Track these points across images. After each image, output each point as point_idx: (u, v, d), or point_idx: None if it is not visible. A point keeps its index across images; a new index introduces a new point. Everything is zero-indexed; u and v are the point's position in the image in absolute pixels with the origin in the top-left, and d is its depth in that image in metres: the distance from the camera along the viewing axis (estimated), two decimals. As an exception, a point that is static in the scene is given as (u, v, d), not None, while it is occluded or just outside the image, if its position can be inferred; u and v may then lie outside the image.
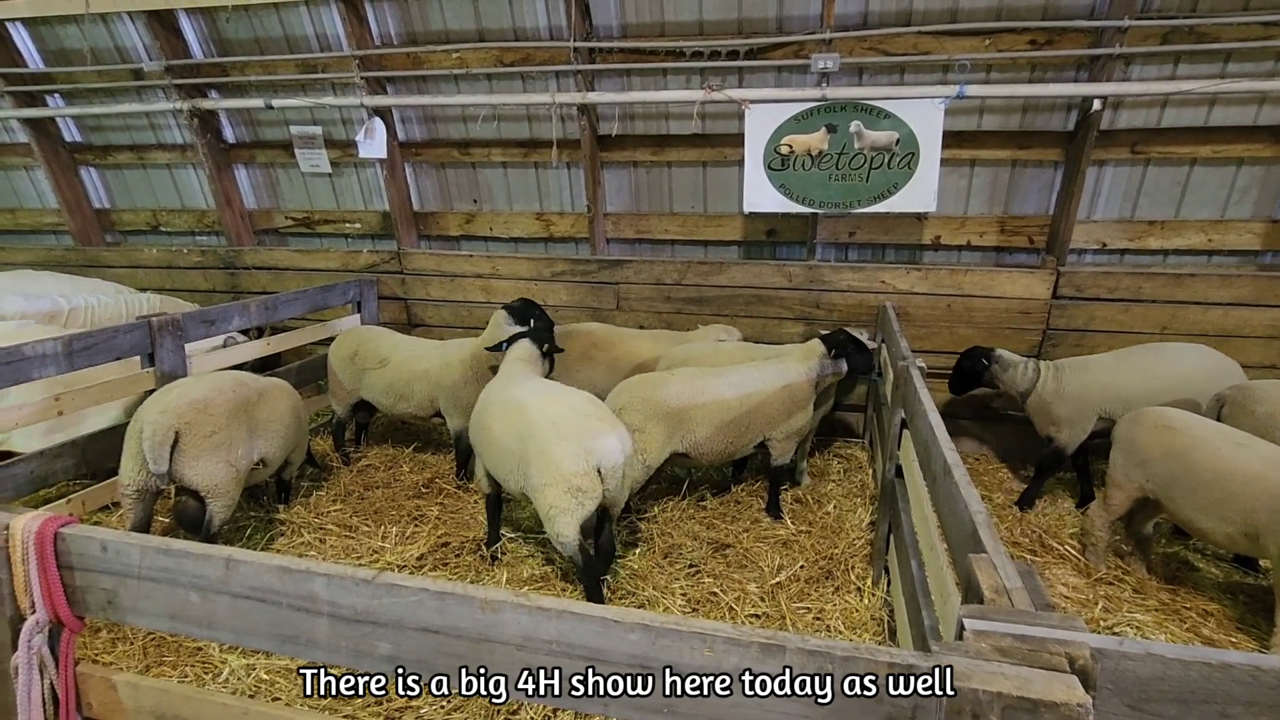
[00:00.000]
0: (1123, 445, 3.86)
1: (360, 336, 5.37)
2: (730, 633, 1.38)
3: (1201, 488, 3.42)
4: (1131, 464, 3.78)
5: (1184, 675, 1.27)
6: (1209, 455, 3.44)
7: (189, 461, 3.61)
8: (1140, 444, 3.74)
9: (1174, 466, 3.56)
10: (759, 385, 4.41)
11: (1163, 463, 3.61)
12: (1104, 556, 4.00)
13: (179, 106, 6.47)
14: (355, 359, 5.26)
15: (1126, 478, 3.81)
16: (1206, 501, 3.40)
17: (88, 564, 1.81)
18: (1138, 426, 3.80)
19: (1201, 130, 5.05)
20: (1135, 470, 3.76)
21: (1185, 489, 3.50)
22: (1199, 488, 3.43)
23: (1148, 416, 3.81)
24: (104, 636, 3.34)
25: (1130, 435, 3.82)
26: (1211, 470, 3.40)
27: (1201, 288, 5.03)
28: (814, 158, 5.42)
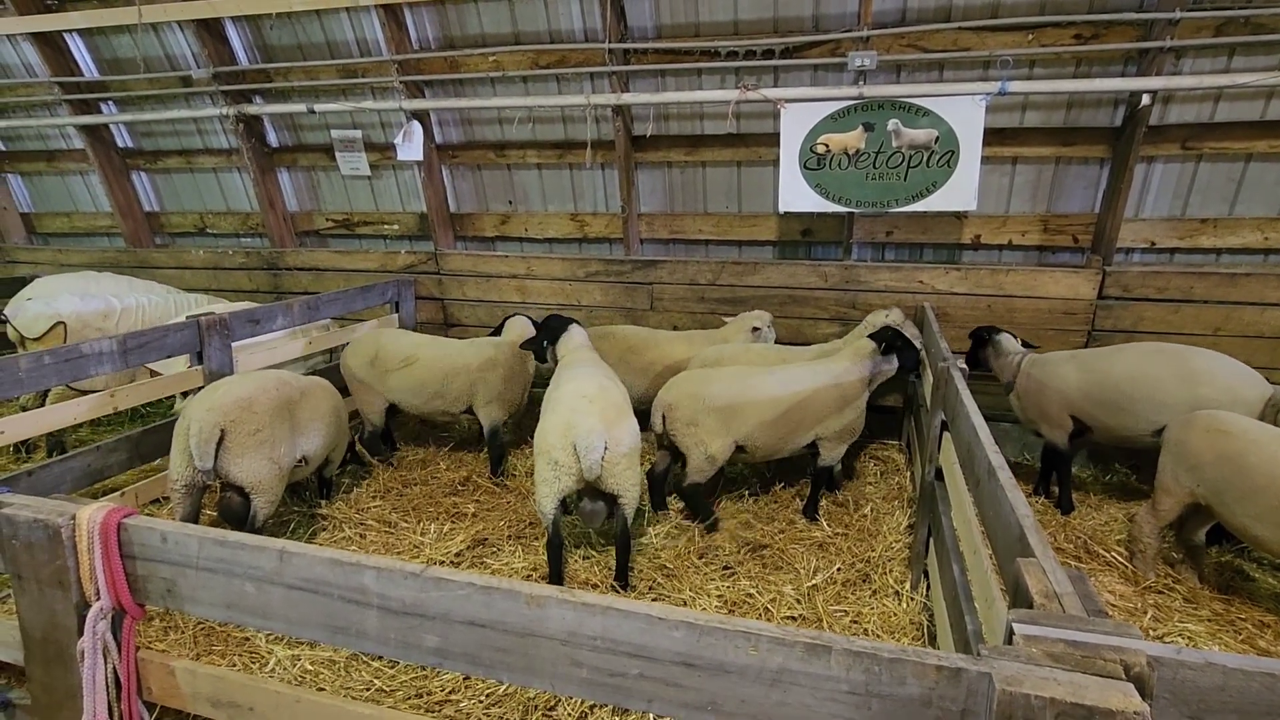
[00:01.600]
0: (1173, 449, 3.74)
1: (376, 340, 5.36)
2: (775, 632, 1.38)
3: (1257, 493, 3.30)
4: (1182, 468, 3.66)
5: (1245, 686, 1.23)
6: (1265, 460, 3.31)
7: (234, 458, 3.71)
8: (1192, 448, 3.62)
9: (1227, 471, 3.43)
10: (810, 382, 4.43)
11: (1215, 467, 3.49)
12: (1153, 564, 3.88)
13: (225, 112, 6.65)
14: (375, 363, 5.26)
15: (1176, 482, 3.69)
16: (1262, 508, 3.27)
17: (149, 554, 1.88)
18: (1189, 430, 3.68)
19: (1258, 124, 4.87)
20: (1186, 475, 3.64)
21: (1239, 495, 3.37)
22: (1254, 494, 3.31)
23: (1200, 420, 3.68)
24: (156, 625, 3.45)
25: (1181, 439, 3.70)
26: (1268, 475, 3.27)
27: (1258, 288, 4.86)
28: (851, 156, 5.37)
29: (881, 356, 4.51)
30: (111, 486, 4.55)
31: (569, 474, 3.58)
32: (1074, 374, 4.55)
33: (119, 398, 4.20)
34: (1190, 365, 4.20)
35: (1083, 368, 4.54)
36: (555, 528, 3.70)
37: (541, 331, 4.82)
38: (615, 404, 3.83)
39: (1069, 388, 4.54)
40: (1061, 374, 4.62)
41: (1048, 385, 4.64)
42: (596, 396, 3.77)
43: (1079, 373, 4.54)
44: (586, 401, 3.71)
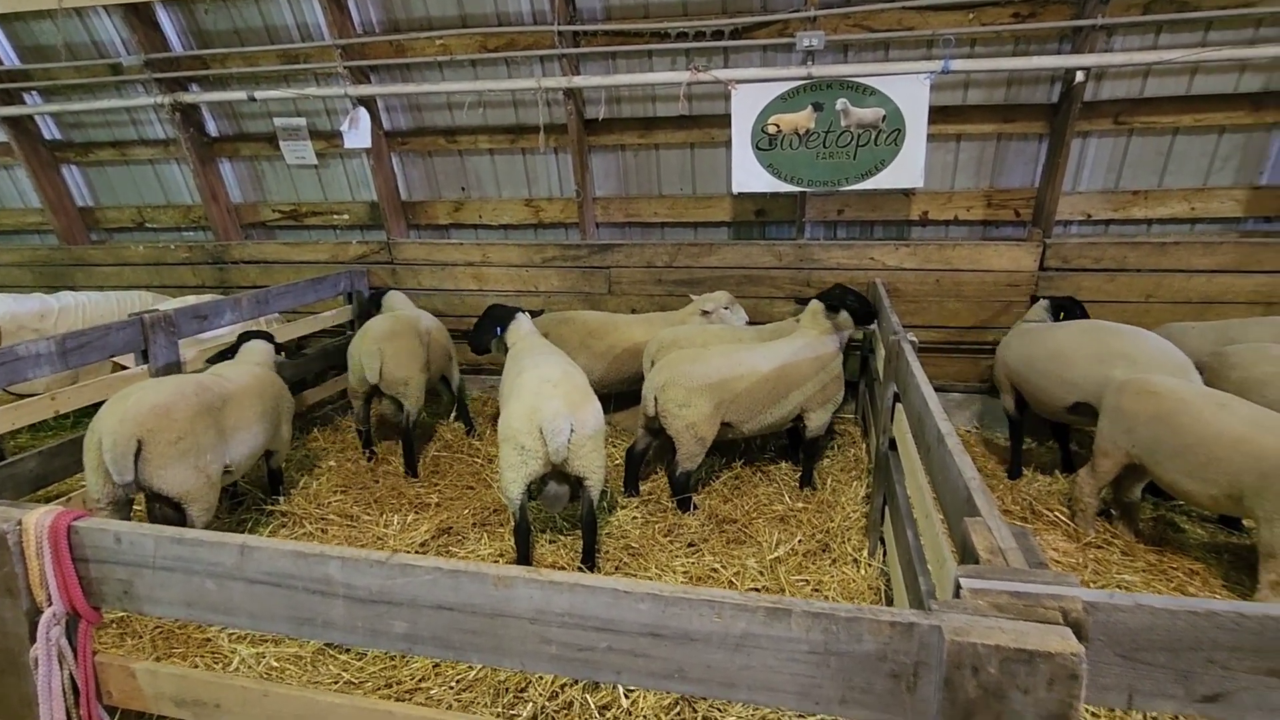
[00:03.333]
0: (1109, 412, 3.93)
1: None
2: (737, 599, 1.42)
3: (1186, 451, 3.48)
4: (1118, 430, 3.84)
5: (1172, 624, 1.33)
6: (1193, 419, 3.50)
7: (156, 469, 3.49)
8: (1125, 410, 3.81)
9: (1158, 430, 3.62)
10: (791, 356, 4.55)
11: (1147, 427, 3.68)
12: (1093, 522, 4.09)
13: (160, 101, 6.39)
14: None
15: (1113, 444, 3.87)
16: (1191, 464, 3.46)
17: (102, 556, 1.84)
18: (1122, 394, 3.87)
19: (1183, 99, 5.10)
20: (1121, 436, 3.83)
21: (1170, 452, 3.56)
22: (1183, 451, 3.49)
23: (1132, 384, 3.86)
24: (112, 631, 3.37)
25: (1115, 403, 3.89)
26: (1196, 434, 3.45)
27: (1185, 255, 5.11)
28: (801, 136, 5.44)
29: (835, 316, 4.63)
30: (58, 492, 4.40)
31: (535, 458, 3.59)
32: (1015, 346, 4.77)
33: (60, 400, 4.04)
34: (1109, 346, 4.29)
35: (1021, 340, 4.74)
36: (522, 513, 3.71)
37: (489, 321, 4.76)
38: (579, 387, 3.84)
39: (1010, 358, 4.77)
40: (1008, 344, 4.84)
41: (997, 355, 4.90)
42: (560, 380, 3.78)
43: (1018, 345, 4.75)
44: (551, 385, 3.72)
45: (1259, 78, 4.95)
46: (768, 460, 5.16)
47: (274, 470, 4.63)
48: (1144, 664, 1.35)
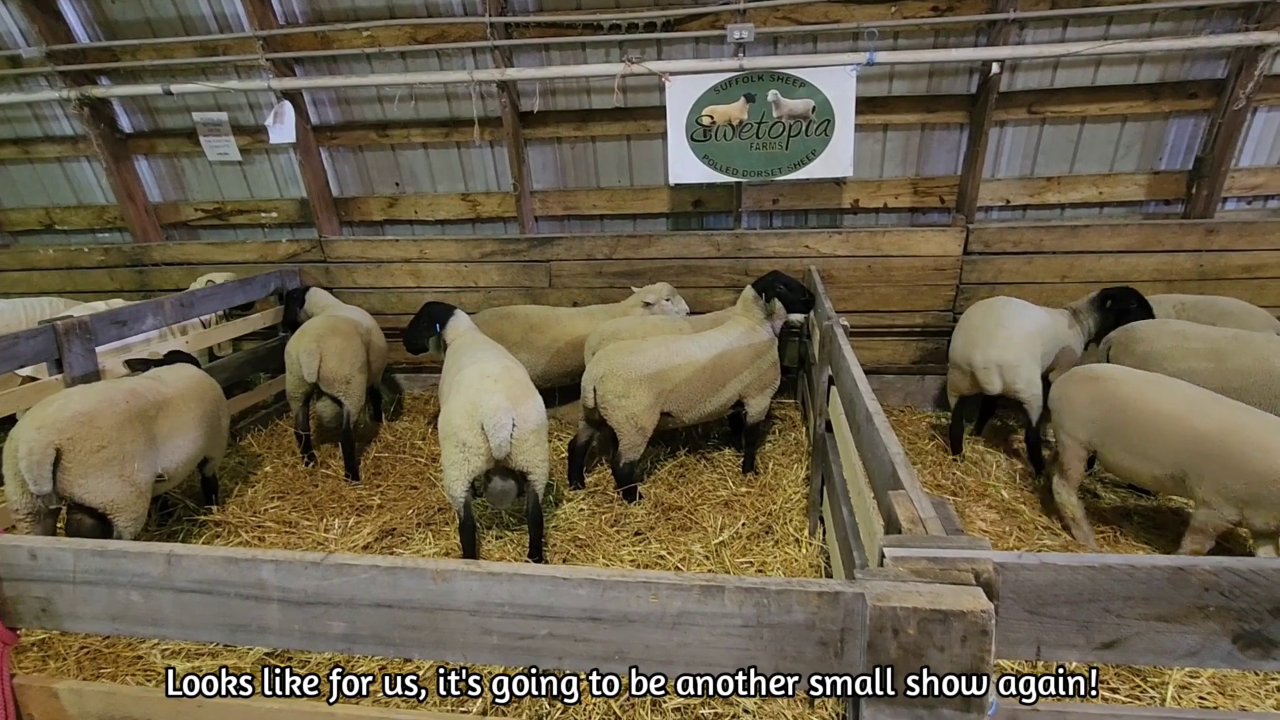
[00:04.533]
0: (1058, 405, 3.94)
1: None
2: (673, 579, 1.47)
3: (1128, 430, 3.53)
4: (1072, 422, 3.83)
5: (1073, 579, 1.43)
6: (1134, 399, 3.55)
7: (76, 479, 3.35)
8: (1071, 399, 3.84)
9: (1103, 411, 3.66)
10: (727, 345, 4.62)
11: (1093, 408, 3.71)
12: (1087, 530, 3.89)
13: (65, 95, 6.04)
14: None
15: (1071, 437, 3.85)
16: (1134, 444, 3.51)
17: (16, 573, 1.76)
18: (1067, 384, 3.91)
19: (1090, 90, 5.39)
20: (1076, 427, 3.82)
21: (1114, 434, 3.60)
22: (1126, 431, 3.54)
23: (1075, 373, 3.91)
24: (32, 655, 3.21)
25: (1062, 394, 3.92)
26: (1138, 414, 3.50)
27: (1095, 237, 5.41)
28: (735, 128, 5.52)
29: (765, 303, 4.74)
30: (-34, 512, 4.14)
31: (478, 454, 3.57)
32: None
33: (-30, 413, 3.81)
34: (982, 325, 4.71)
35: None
36: (467, 510, 3.69)
37: (425, 319, 4.71)
38: (519, 381, 3.83)
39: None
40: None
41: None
42: (500, 375, 3.77)
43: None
44: (491, 381, 3.70)
45: (1156, 69, 5.27)
46: (711, 447, 5.25)
47: (208, 478, 4.48)
48: (1049, 618, 1.45)
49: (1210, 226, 5.26)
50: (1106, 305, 4.81)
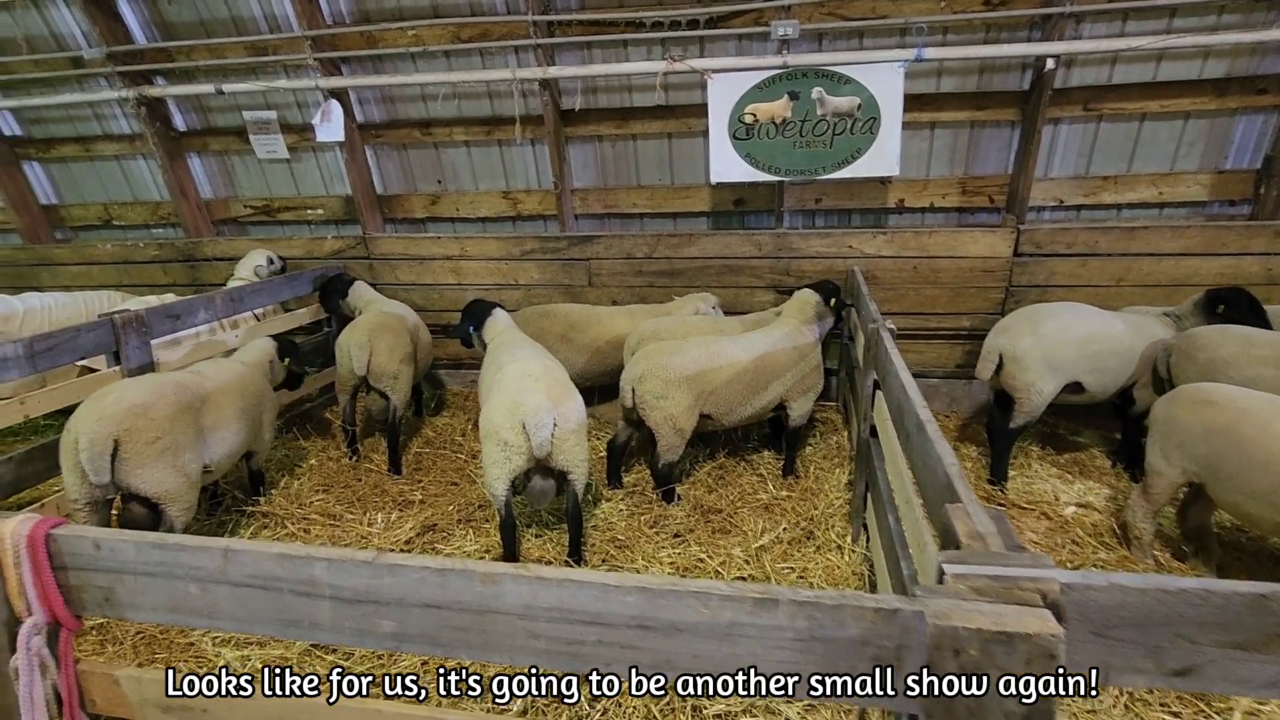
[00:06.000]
0: (1159, 426, 3.55)
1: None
2: (725, 590, 1.44)
3: (1253, 469, 3.07)
4: (1170, 446, 3.47)
5: (1142, 602, 1.37)
6: (1259, 430, 3.09)
7: (133, 469, 3.45)
8: (1179, 423, 3.44)
9: (1218, 445, 3.23)
10: (771, 347, 4.56)
11: (1205, 441, 3.30)
12: (1149, 550, 3.67)
13: (124, 95, 6.24)
14: None
15: (1167, 462, 3.49)
16: (1259, 486, 3.04)
17: (81, 563, 1.82)
18: (1175, 404, 3.51)
19: (1150, 85, 5.18)
20: (1175, 453, 3.44)
21: (1232, 470, 3.16)
22: (1249, 469, 3.09)
23: (1184, 392, 3.49)
24: (92, 638, 3.33)
25: (1167, 415, 3.52)
26: (1264, 448, 3.05)
27: (1154, 240, 5.21)
28: (778, 125, 5.45)
29: (827, 310, 4.68)
30: (30, 498, 4.31)
31: (519, 453, 3.58)
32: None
33: (30, 404, 3.96)
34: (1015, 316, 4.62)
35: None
36: (508, 509, 3.71)
37: (465, 318, 4.78)
38: (560, 381, 3.84)
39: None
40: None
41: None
42: (541, 375, 3.78)
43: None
44: (532, 380, 3.72)
45: (1222, 63, 5.05)
46: (751, 450, 5.20)
47: (254, 471, 4.59)
48: (1116, 640, 1.39)
49: None
50: (1217, 310, 4.44)
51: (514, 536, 3.79)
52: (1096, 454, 4.96)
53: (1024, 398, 4.41)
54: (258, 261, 6.07)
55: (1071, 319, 4.52)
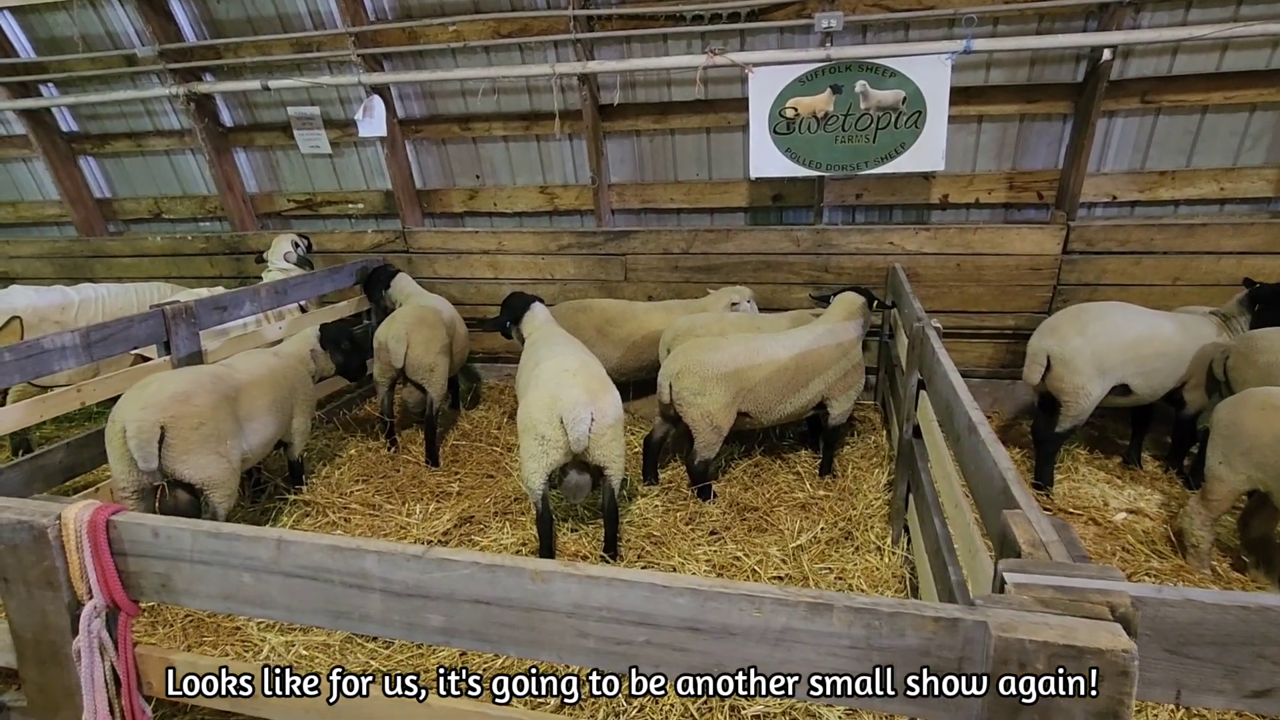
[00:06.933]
0: (1223, 430, 3.42)
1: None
2: (778, 594, 1.42)
3: None
4: (1235, 453, 3.34)
5: (1221, 619, 1.31)
6: None
7: (179, 456, 3.53)
8: (1246, 429, 3.30)
9: None
10: (812, 345, 4.50)
11: (1274, 449, 3.18)
12: (1207, 559, 3.56)
13: (174, 91, 6.39)
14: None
15: (1230, 469, 3.38)
16: None
17: (140, 550, 1.86)
18: (1242, 409, 3.37)
19: (1213, 76, 4.97)
20: (1240, 460, 3.33)
21: None
22: None
23: (1254, 397, 3.35)
24: (143, 620, 3.42)
25: (1233, 419, 3.38)
26: None
27: (1214, 237, 5.01)
28: (820, 120, 5.36)
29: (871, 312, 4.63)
30: (85, 483, 4.46)
31: (556, 448, 3.59)
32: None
33: (86, 392, 4.08)
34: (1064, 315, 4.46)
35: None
36: (544, 503, 3.72)
37: (504, 311, 4.81)
38: (598, 376, 3.84)
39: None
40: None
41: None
42: (579, 370, 3.78)
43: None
44: (570, 375, 3.72)
45: (1292, 53, 4.83)
46: (787, 448, 5.14)
47: (294, 461, 4.66)
48: (1192, 659, 1.34)
49: (1348, 226, 4.80)
50: (1255, 309, 4.29)
51: (550, 530, 3.80)
52: (1147, 458, 4.80)
53: (1071, 400, 4.29)
54: (285, 248, 6.16)
55: (1121, 319, 4.37)
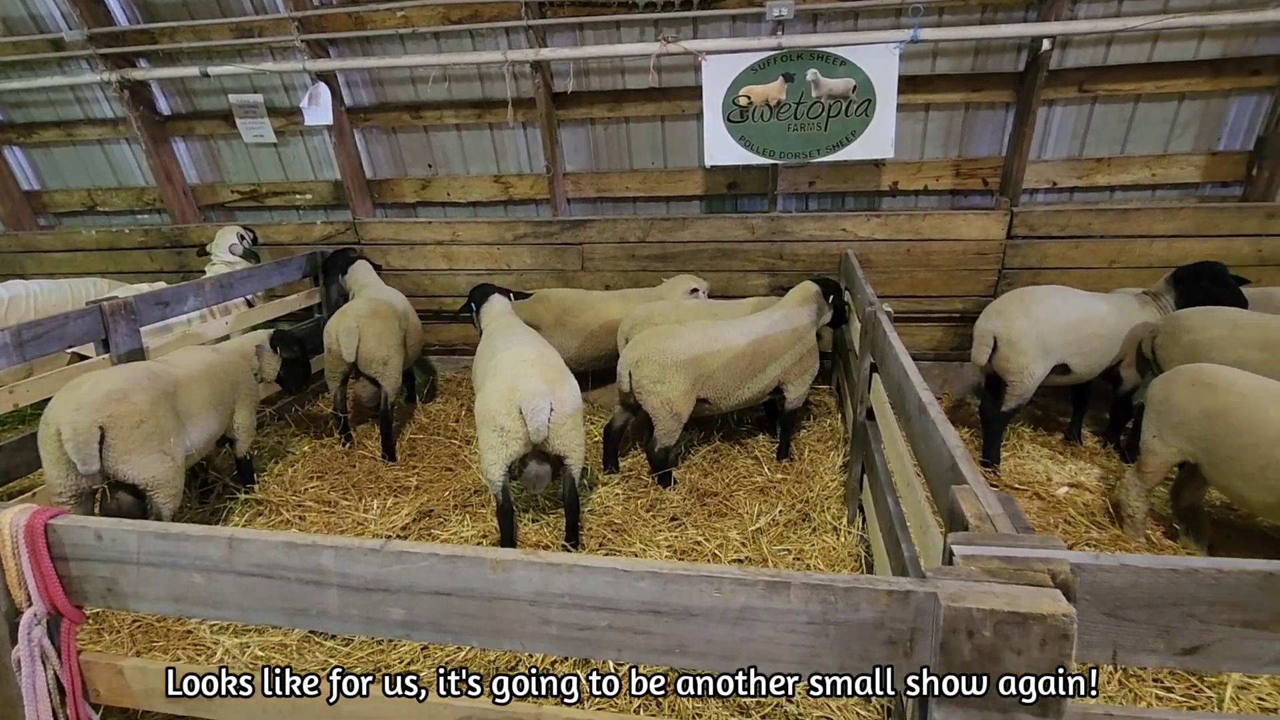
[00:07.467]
0: (1156, 405, 3.55)
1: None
2: (737, 574, 1.44)
3: (1245, 452, 3.11)
4: (1167, 427, 3.48)
5: (1154, 582, 1.38)
6: (1254, 417, 3.11)
7: (122, 456, 3.39)
8: (1176, 403, 3.44)
9: (1215, 428, 3.25)
10: (768, 330, 4.55)
11: (1202, 424, 3.31)
12: (1142, 528, 3.71)
13: (106, 78, 6.11)
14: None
15: (1162, 442, 3.51)
16: (1251, 468, 3.08)
17: (83, 554, 1.80)
18: (1173, 385, 3.49)
19: (1146, 67, 5.18)
20: (1171, 434, 3.46)
21: (1227, 454, 3.19)
22: (1243, 452, 3.12)
23: (1184, 373, 3.48)
24: (89, 627, 3.30)
25: (1165, 394, 3.51)
26: (1256, 433, 3.07)
27: (1146, 221, 5.23)
28: (772, 108, 5.41)
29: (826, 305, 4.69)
30: (20, 488, 4.26)
31: (516, 439, 3.57)
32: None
33: (19, 394, 3.90)
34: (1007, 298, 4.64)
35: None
36: (505, 495, 3.70)
37: (470, 298, 4.87)
38: (556, 366, 3.83)
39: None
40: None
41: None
42: (537, 360, 3.76)
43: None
44: (528, 365, 3.70)
45: (1217, 44, 5.05)
46: (745, 433, 5.21)
47: (241, 459, 4.51)
48: (1127, 621, 1.41)
49: (1271, 210, 5.05)
50: (1180, 288, 4.52)
51: (512, 522, 3.78)
52: (1087, 434, 5.01)
53: (1016, 380, 4.44)
54: (230, 240, 5.95)
55: (1061, 301, 4.56)
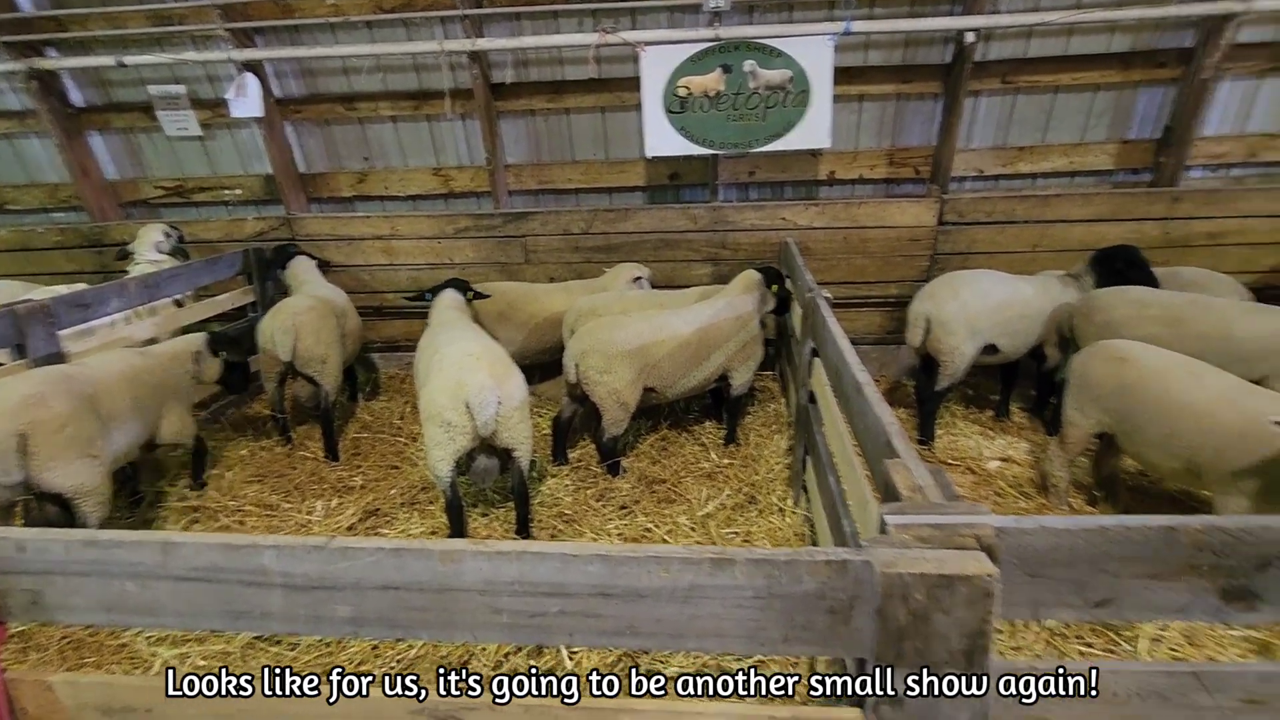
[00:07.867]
0: (1076, 379, 3.75)
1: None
2: (683, 553, 1.48)
3: (1152, 423, 3.33)
4: (1086, 399, 3.68)
5: (1071, 543, 1.47)
6: (1161, 389, 3.33)
7: (46, 464, 3.24)
8: (1093, 377, 3.64)
9: (1128, 400, 3.45)
10: (713, 319, 4.61)
11: (1116, 397, 3.51)
12: (1064, 497, 3.92)
13: (12, 68, 5.75)
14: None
15: (1081, 414, 3.72)
16: (1156, 436, 3.31)
17: (4, 566, 1.71)
18: (1091, 360, 3.69)
19: (1063, 59, 5.44)
20: (1090, 406, 3.67)
21: (1137, 424, 3.41)
22: (1150, 422, 3.35)
23: (1101, 349, 3.69)
24: (13, 645, 3.14)
25: (1084, 370, 3.71)
26: (1162, 404, 3.29)
27: (1065, 207, 5.50)
28: (711, 99, 5.47)
29: (768, 292, 4.77)
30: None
31: (463, 433, 3.54)
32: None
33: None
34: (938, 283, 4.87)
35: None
36: (454, 490, 3.67)
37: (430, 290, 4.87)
38: (501, 359, 3.81)
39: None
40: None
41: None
42: (482, 354, 3.74)
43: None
44: (473, 359, 3.67)
45: (1127, 38, 5.34)
46: (692, 420, 5.28)
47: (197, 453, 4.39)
48: (1047, 579, 1.50)
49: (1176, 195, 5.39)
50: (1097, 270, 4.76)
51: (461, 517, 3.76)
52: (1016, 410, 5.25)
53: (949, 360, 4.63)
54: (156, 238, 5.68)
55: (989, 284, 4.77)
